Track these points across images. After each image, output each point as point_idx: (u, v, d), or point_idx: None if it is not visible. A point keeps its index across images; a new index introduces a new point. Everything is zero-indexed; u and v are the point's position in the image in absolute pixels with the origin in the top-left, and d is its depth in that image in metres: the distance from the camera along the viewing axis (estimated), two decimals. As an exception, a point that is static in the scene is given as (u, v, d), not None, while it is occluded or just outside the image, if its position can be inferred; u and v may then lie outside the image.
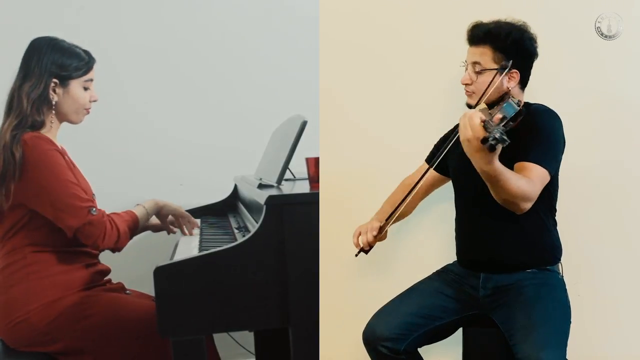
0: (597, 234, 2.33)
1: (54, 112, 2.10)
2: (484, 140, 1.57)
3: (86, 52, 2.17)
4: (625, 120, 2.31)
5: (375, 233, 1.98)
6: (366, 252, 2.01)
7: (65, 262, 2.06)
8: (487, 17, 2.00)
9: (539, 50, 1.99)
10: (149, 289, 1.85)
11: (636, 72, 2.30)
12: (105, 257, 2.23)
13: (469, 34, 2.00)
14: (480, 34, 1.97)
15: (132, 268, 2.35)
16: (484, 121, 1.58)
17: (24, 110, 2.03)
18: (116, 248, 2.10)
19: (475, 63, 1.98)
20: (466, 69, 2.02)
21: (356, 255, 2.02)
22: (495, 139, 1.54)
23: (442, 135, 2.21)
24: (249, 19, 3.14)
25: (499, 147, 1.57)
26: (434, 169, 2.13)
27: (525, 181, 1.76)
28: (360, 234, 2.01)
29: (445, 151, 1.92)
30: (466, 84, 2.01)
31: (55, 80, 2.08)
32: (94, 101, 2.18)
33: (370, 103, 2.42)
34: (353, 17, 2.41)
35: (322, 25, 2.40)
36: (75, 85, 2.12)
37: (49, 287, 2.01)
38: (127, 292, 2.21)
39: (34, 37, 2.12)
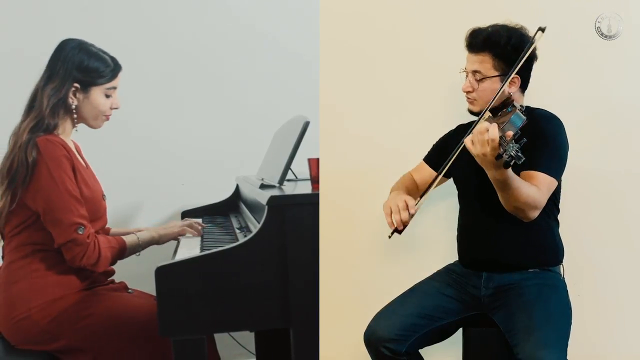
0: (598, 235, 2.33)
1: (74, 116, 2.11)
2: (499, 156, 1.59)
3: (113, 59, 2.16)
4: (626, 121, 2.32)
5: (412, 211, 1.89)
6: (400, 232, 1.92)
7: (69, 261, 2.06)
8: (487, 19, 2.00)
9: (539, 51, 1.99)
10: (151, 288, 1.86)
11: (636, 72, 2.30)
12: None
13: (468, 41, 1.99)
14: (479, 42, 1.96)
15: (135, 267, 2.35)
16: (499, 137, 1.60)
17: (43, 111, 2.04)
18: (93, 269, 2.07)
19: (475, 72, 1.97)
20: (466, 75, 2.01)
21: (389, 237, 1.93)
22: (510, 156, 1.57)
23: (440, 136, 2.21)
24: (250, 22, 3.14)
25: (512, 164, 1.59)
26: (435, 171, 2.13)
27: (534, 190, 1.79)
28: (392, 213, 1.91)
29: (453, 158, 1.91)
30: (467, 92, 2.01)
31: (76, 85, 2.08)
32: (116, 108, 2.18)
33: (370, 104, 2.43)
34: (353, 20, 2.42)
35: (322, 28, 2.41)
36: (97, 91, 2.11)
37: (51, 285, 2.02)
38: (130, 291, 2.21)
39: (63, 38, 2.13)
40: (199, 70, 3.12)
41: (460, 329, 2.05)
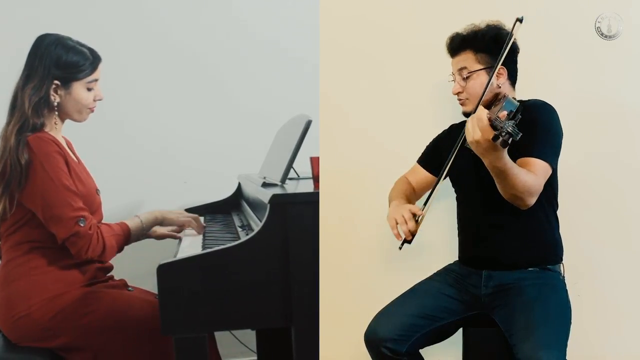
0: (597, 234, 2.33)
1: (56, 112, 2.10)
2: (495, 138, 1.60)
3: (92, 51, 2.14)
4: (625, 120, 2.32)
5: (419, 214, 1.90)
6: (409, 242, 1.92)
7: (67, 258, 2.05)
8: (486, 19, 2.01)
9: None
10: (151, 286, 1.86)
11: (636, 72, 2.31)
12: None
13: (448, 46, 2.05)
14: (458, 42, 2.02)
15: (135, 265, 2.36)
16: (491, 120, 1.61)
17: (25, 112, 2.02)
18: (100, 260, 2.09)
19: (461, 69, 2.02)
20: (454, 80, 2.06)
21: (400, 248, 1.93)
22: (508, 133, 1.57)
23: (435, 136, 2.22)
24: (252, 21, 3.15)
25: (510, 142, 1.60)
26: (431, 174, 2.16)
27: (531, 176, 1.80)
28: (397, 224, 1.92)
29: (452, 158, 1.92)
30: (458, 93, 2.05)
31: (56, 82, 2.06)
32: (99, 100, 2.17)
33: (369, 104, 2.44)
34: (352, 20, 2.43)
35: (322, 28, 2.41)
36: (78, 86, 2.10)
37: (50, 283, 2.02)
38: (130, 288, 2.21)
39: (40, 34, 2.11)
40: (201, 68, 3.12)
41: (460, 329, 2.05)
